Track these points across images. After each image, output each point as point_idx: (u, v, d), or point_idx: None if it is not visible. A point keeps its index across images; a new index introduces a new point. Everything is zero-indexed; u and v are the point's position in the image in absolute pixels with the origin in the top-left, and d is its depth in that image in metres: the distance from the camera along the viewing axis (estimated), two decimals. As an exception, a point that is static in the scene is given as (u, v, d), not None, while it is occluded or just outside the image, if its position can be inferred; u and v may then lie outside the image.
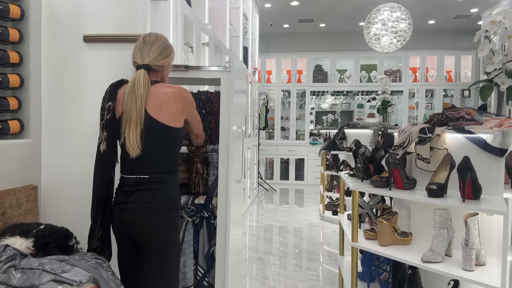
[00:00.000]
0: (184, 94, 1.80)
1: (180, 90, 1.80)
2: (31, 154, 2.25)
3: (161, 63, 1.81)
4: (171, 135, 1.78)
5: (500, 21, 2.48)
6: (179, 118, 1.79)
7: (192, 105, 1.86)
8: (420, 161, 2.16)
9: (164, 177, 1.77)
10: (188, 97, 1.82)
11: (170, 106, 1.75)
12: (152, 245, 1.77)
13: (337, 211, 5.03)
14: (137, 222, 1.74)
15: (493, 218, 2.04)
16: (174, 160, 1.83)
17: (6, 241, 1.74)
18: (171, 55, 1.87)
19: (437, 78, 8.18)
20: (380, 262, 2.40)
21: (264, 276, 3.45)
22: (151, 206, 1.74)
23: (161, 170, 1.77)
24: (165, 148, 1.78)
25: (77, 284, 1.54)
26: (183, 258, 2.18)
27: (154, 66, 1.80)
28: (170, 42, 1.90)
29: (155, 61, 1.79)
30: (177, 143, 1.84)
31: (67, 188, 2.30)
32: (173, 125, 1.76)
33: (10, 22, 2.15)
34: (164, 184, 1.77)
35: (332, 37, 8.57)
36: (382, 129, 4.38)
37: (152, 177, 1.75)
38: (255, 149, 6.93)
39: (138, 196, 1.74)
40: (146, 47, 1.79)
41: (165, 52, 1.82)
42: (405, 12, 5.38)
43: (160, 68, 1.83)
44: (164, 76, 1.89)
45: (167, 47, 1.85)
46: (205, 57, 3.77)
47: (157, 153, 1.77)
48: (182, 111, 1.79)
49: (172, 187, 1.81)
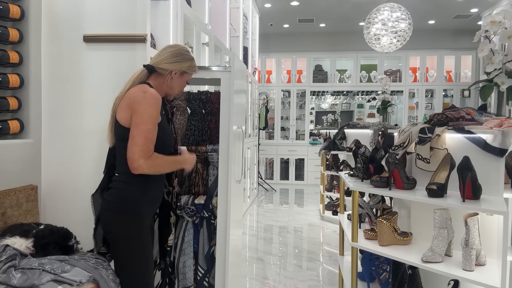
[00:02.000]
0: (139, 94, 1.67)
1: (138, 91, 1.68)
2: (31, 154, 2.25)
3: (165, 66, 1.78)
4: (121, 134, 1.69)
5: (500, 21, 2.48)
6: (125, 115, 1.68)
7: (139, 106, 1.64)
8: (420, 161, 2.16)
9: (128, 177, 1.69)
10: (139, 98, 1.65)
11: (121, 104, 1.70)
12: (111, 247, 1.78)
13: (337, 211, 5.03)
14: (102, 221, 1.76)
15: (493, 218, 2.04)
16: None
17: (6, 241, 1.74)
18: (182, 63, 1.81)
19: (437, 78, 8.18)
20: (380, 262, 2.39)
21: (264, 276, 3.45)
22: (110, 206, 1.71)
23: (127, 168, 1.65)
24: (122, 146, 1.70)
25: (77, 284, 1.54)
26: (183, 258, 2.18)
27: (157, 68, 1.78)
28: (189, 53, 1.86)
29: (160, 62, 1.78)
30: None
31: (67, 188, 2.30)
32: (122, 123, 1.68)
33: (10, 22, 2.15)
34: (126, 185, 1.70)
35: (332, 37, 8.57)
36: (382, 129, 4.38)
37: (120, 176, 1.73)
38: (255, 149, 6.93)
39: (108, 194, 1.73)
40: (160, 50, 1.84)
41: (174, 58, 1.79)
42: (405, 12, 5.38)
43: (163, 71, 1.79)
44: (171, 85, 1.83)
45: (179, 54, 1.81)
46: (205, 57, 3.77)
47: (119, 151, 1.73)
48: (128, 108, 1.67)
49: (136, 190, 1.70)
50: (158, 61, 1.78)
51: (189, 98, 2.25)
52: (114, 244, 1.75)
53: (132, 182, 1.70)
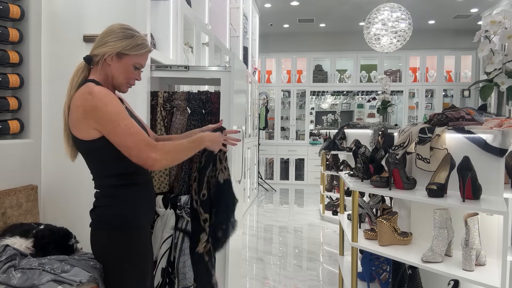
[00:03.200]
0: (86, 98, 1.39)
1: (83, 95, 1.41)
2: (31, 154, 2.25)
3: (95, 52, 1.47)
4: (84, 147, 1.47)
5: (500, 21, 2.48)
6: (81, 128, 1.43)
7: (98, 114, 1.38)
8: (420, 161, 2.16)
9: (113, 191, 1.50)
10: (91, 103, 1.38)
11: (72, 113, 1.44)
12: (104, 268, 1.58)
13: (337, 211, 5.03)
14: (91, 242, 1.56)
15: (493, 218, 2.04)
16: (120, 172, 1.50)
17: (6, 241, 1.74)
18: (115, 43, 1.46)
19: (437, 78, 8.18)
20: (380, 262, 2.40)
21: (264, 276, 3.45)
22: (98, 226, 1.53)
23: (107, 182, 1.50)
24: (91, 160, 1.51)
25: (77, 284, 1.54)
26: (183, 258, 2.18)
27: (93, 56, 1.49)
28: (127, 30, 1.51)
29: (93, 48, 1.48)
30: (108, 154, 1.45)
31: (67, 188, 2.30)
32: (78, 136, 1.44)
33: (10, 22, 2.15)
34: (114, 200, 1.50)
35: (332, 37, 8.56)
36: (382, 129, 4.38)
37: (102, 191, 1.53)
38: (255, 149, 6.93)
39: (94, 214, 1.55)
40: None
41: (105, 38, 1.47)
42: (405, 12, 5.38)
43: (96, 58, 1.48)
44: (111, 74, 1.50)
45: (111, 33, 1.48)
46: (205, 57, 3.77)
47: (89, 165, 1.53)
48: (85, 119, 1.40)
49: (123, 202, 1.50)
50: (92, 47, 1.49)
51: (189, 98, 2.25)
52: (108, 266, 1.56)
53: (119, 195, 1.51)
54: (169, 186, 2.20)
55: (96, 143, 1.43)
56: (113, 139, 1.41)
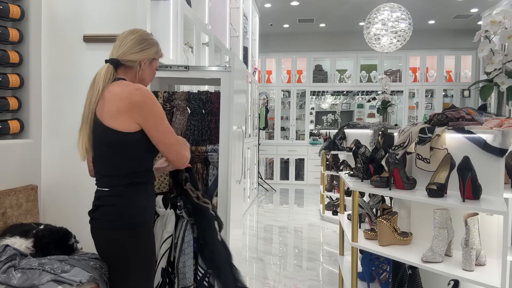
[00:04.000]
0: (133, 92, 1.49)
1: (130, 88, 1.51)
2: (31, 154, 2.25)
3: (132, 58, 1.58)
4: (115, 139, 1.50)
5: (500, 21, 2.48)
6: (123, 120, 1.48)
7: (146, 109, 1.49)
8: (420, 161, 2.16)
9: (123, 190, 1.54)
10: (140, 98, 1.49)
11: (111, 104, 1.49)
12: (111, 268, 1.61)
13: (337, 211, 5.03)
14: (98, 242, 1.60)
15: (493, 218, 2.04)
16: (136, 170, 1.56)
17: (6, 241, 1.75)
18: (149, 50, 1.61)
19: (437, 78, 8.18)
20: (380, 262, 2.39)
21: (264, 276, 3.44)
22: (105, 225, 1.55)
23: (119, 181, 1.54)
24: (116, 155, 1.53)
25: (77, 284, 1.54)
26: (183, 258, 2.18)
27: (123, 61, 1.58)
28: (152, 37, 1.67)
29: (125, 54, 1.57)
30: (133, 150, 1.53)
31: (67, 188, 2.30)
32: (115, 127, 1.49)
33: (10, 22, 2.15)
34: (123, 199, 1.54)
35: (332, 37, 8.56)
36: (382, 129, 4.38)
37: (112, 190, 1.55)
38: (255, 149, 6.93)
39: (99, 213, 1.56)
40: (119, 40, 1.60)
41: (139, 45, 1.59)
42: (405, 12, 5.38)
43: (131, 63, 1.59)
44: (142, 76, 1.65)
45: (143, 41, 1.60)
46: (205, 57, 3.77)
47: (110, 161, 1.54)
48: (128, 112, 1.48)
49: (132, 202, 1.55)
50: (122, 53, 1.57)
51: (189, 98, 2.25)
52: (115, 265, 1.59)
53: (128, 194, 1.55)
54: (169, 186, 2.20)
55: (132, 136, 1.50)
56: (154, 134, 1.52)
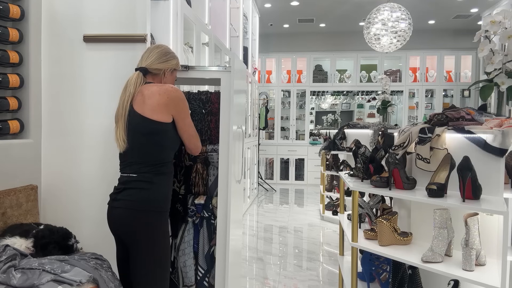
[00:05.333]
0: (170, 89, 1.81)
1: (166, 86, 1.82)
2: (31, 154, 2.25)
3: (158, 66, 1.89)
4: (154, 128, 1.77)
5: (500, 21, 2.48)
6: (162, 112, 1.77)
7: (180, 104, 1.83)
8: (420, 161, 2.16)
9: (151, 177, 1.78)
10: (176, 94, 1.81)
11: (152, 99, 1.77)
12: (133, 246, 1.78)
13: (337, 211, 5.03)
14: (120, 221, 1.78)
15: (493, 218, 2.04)
16: (163, 159, 1.81)
17: (6, 241, 1.74)
18: (171, 61, 1.94)
19: (437, 78, 8.18)
20: (380, 262, 2.39)
21: (264, 276, 3.45)
22: (134, 206, 1.75)
23: (148, 169, 1.77)
24: (150, 143, 1.78)
25: (77, 284, 1.54)
26: (183, 258, 2.18)
27: (151, 69, 1.88)
28: (172, 51, 1.98)
29: (152, 64, 1.88)
30: (164, 139, 1.81)
31: (67, 188, 2.30)
32: (155, 118, 1.76)
33: (10, 22, 2.15)
34: (151, 185, 1.77)
35: (332, 37, 8.57)
36: (382, 129, 4.38)
37: (140, 176, 1.77)
38: (255, 149, 6.93)
39: (125, 195, 1.77)
40: (147, 52, 1.92)
41: (163, 57, 1.91)
42: (405, 12, 5.38)
43: (158, 71, 1.90)
44: (165, 83, 1.92)
45: (167, 53, 1.93)
46: (205, 57, 3.77)
47: (142, 149, 1.78)
48: (166, 105, 1.78)
49: (159, 189, 1.79)
50: (149, 63, 1.88)
51: (189, 98, 2.25)
52: (138, 242, 1.76)
53: (155, 181, 1.77)
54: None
55: (167, 126, 1.79)
56: (181, 125, 1.85)
